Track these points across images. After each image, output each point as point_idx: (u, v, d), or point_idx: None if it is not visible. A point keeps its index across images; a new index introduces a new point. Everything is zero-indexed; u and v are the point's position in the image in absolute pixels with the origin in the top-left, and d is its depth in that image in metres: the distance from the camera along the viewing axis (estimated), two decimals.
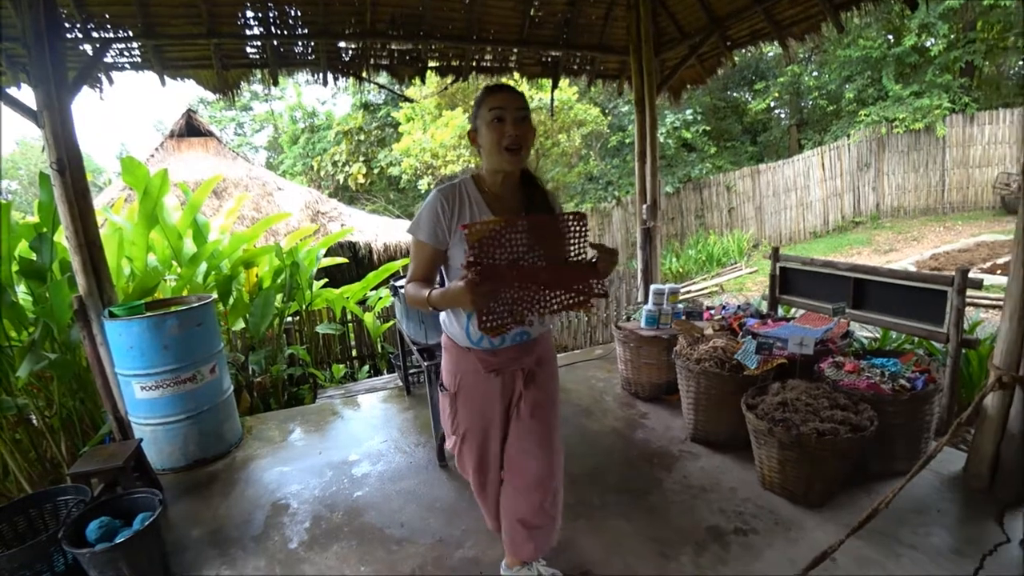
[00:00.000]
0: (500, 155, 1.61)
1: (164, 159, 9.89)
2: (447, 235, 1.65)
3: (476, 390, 1.80)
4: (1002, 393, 2.36)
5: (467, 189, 1.69)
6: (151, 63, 3.67)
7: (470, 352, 1.76)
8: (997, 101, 13.09)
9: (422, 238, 1.66)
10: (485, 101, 1.62)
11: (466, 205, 1.66)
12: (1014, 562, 2.04)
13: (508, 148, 1.59)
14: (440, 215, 1.64)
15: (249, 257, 4.69)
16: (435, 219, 1.64)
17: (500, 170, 1.66)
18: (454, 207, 1.65)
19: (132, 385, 3.05)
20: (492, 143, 1.60)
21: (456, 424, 1.87)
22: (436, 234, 1.65)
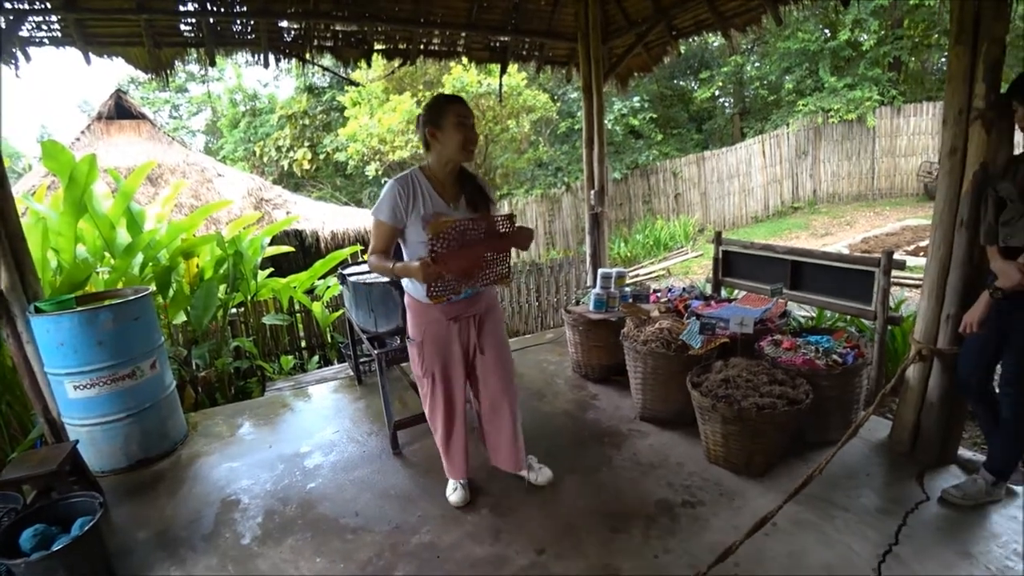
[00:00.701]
0: (460, 152, 2.07)
1: (91, 143, 9.28)
2: (404, 216, 2.09)
3: (439, 336, 2.27)
4: (922, 365, 2.55)
5: (418, 179, 2.12)
6: (73, 39, 3.42)
7: (432, 307, 2.18)
8: (921, 95, 13.93)
9: (383, 219, 2.08)
10: (450, 108, 2.05)
11: (418, 191, 2.10)
12: (933, 517, 2.23)
13: (468, 148, 2.08)
14: (398, 200, 2.07)
15: (189, 247, 4.49)
16: (394, 204, 2.07)
17: (454, 162, 2.12)
18: (409, 193, 2.08)
19: (64, 384, 2.88)
20: (456, 143, 2.05)
21: (425, 368, 2.31)
22: (395, 215, 2.08)
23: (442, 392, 2.35)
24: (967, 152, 2.26)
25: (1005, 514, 2.22)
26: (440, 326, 2.26)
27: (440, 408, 2.38)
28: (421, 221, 2.06)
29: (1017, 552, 2.02)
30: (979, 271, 2.30)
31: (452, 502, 2.48)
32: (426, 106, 2.11)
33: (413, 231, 2.10)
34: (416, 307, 2.27)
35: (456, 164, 2.13)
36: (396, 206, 2.07)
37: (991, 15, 2.13)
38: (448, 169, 2.13)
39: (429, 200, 2.09)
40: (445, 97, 2.08)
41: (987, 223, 2.15)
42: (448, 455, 2.48)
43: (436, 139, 2.08)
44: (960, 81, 2.24)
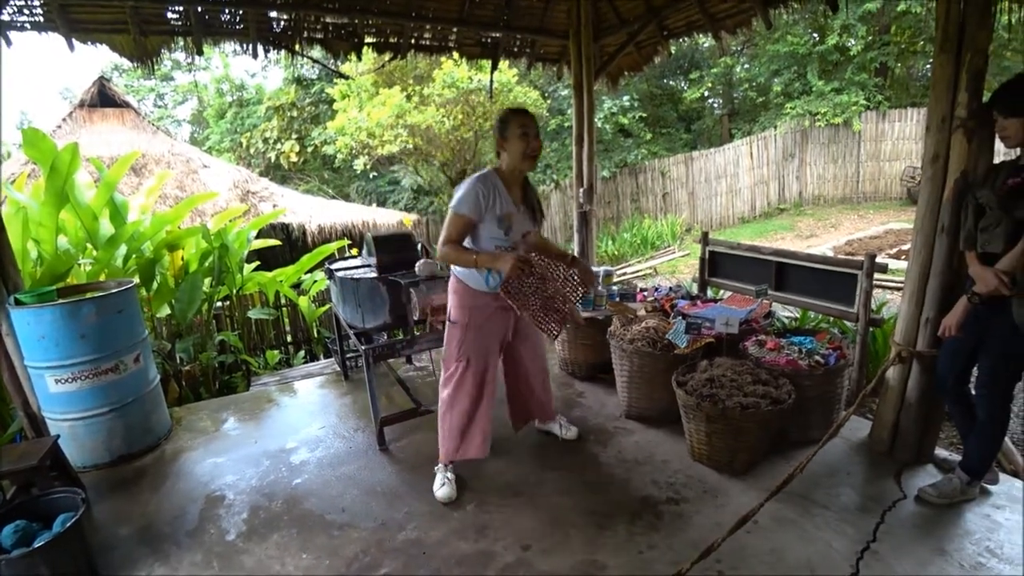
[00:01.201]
0: (524, 160, 2.29)
1: (73, 131, 9.11)
2: (483, 212, 2.26)
3: (484, 321, 2.46)
4: (902, 367, 2.60)
5: (495, 179, 2.31)
6: (56, 24, 3.35)
7: (485, 295, 2.40)
8: (906, 100, 14.14)
9: (465, 212, 2.25)
10: (514, 119, 2.27)
11: (496, 191, 2.29)
12: (909, 515, 2.28)
13: (530, 156, 2.29)
14: (480, 197, 2.25)
15: (173, 239, 4.43)
16: (477, 200, 2.25)
17: (519, 169, 2.34)
18: (489, 191, 2.27)
19: (45, 378, 2.84)
20: (519, 151, 2.27)
21: (463, 350, 2.47)
22: (477, 210, 2.25)
23: (478, 372, 2.50)
24: (949, 159, 2.30)
25: (979, 512, 2.28)
26: (486, 312, 2.45)
27: (471, 387, 2.50)
28: (496, 220, 2.28)
29: (989, 549, 2.08)
30: (958, 276, 2.35)
31: (440, 497, 2.50)
32: (498, 119, 2.36)
33: (487, 227, 2.30)
34: (465, 292, 2.43)
35: (522, 171, 2.36)
36: (479, 202, 2.25)
37: (975, 25, 2.17)
38: (516, 174, 2.36)
39: (503, 200, 2.30)
40: (511, 111, 2.32)
41: (966, 229, 2.20)
42: (467, 434, 2.56)
43: (503, 148, 2.32)
44: (943, 89, 2.28)
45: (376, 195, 15.00)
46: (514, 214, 2.34)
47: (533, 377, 2.78)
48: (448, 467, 2.61)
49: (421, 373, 4.12)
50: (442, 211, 12.00)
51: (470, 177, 2.33)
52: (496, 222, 2.29)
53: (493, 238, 2.31)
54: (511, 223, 2.33)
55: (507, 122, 2.29)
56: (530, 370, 2.75)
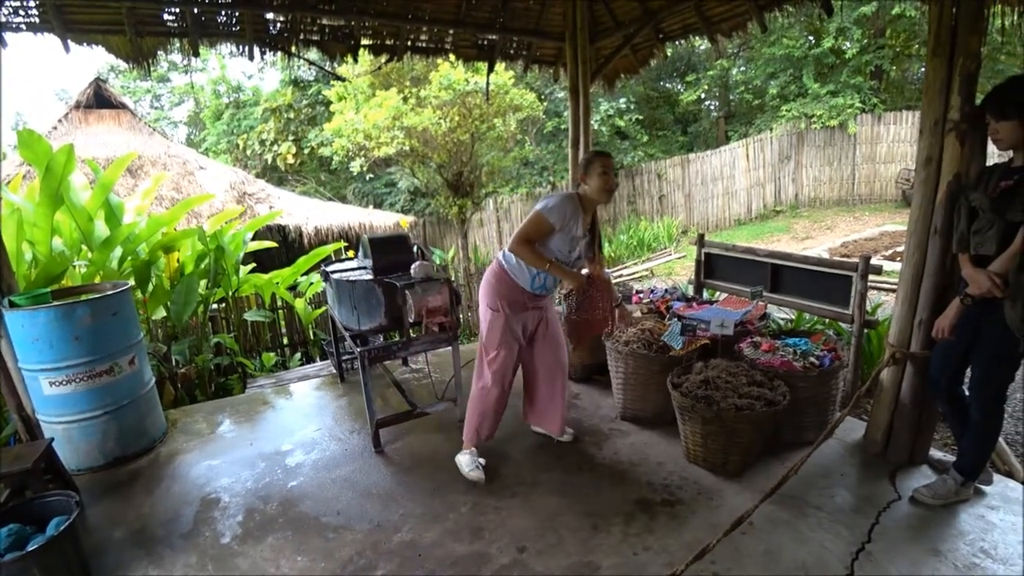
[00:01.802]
0: (603, 195, 2.58)
1: (69, 132, 9.09)
2: (564, 226, 2.52)
3: (518, 315, 2.68)
4: (896, 368, 2.61)
5: (577, 203, 2.56)
6: (52, 25, 3.35)
7: (523, 292, 2.64)
8: (901, 103, 14.21)
9: (552, 220, 2.50)
10: (597, 160, 2.56)
11: (577, 216, 2.55)
12: (904, 516, 2.29)
13: (607, 191, 2.57)
14: (568, 213, 2.51)
15: (169, 241, 4.42)
16: (565, 214, 2.51)
17: (597, 201, 2.62)
18: (574, 211, 2.54)
19: (39, 380, 2.83)
20: (600, 187, 2.55)
21: (503, 338, 2.65)
22: (563, 222, 2.51)
23: (510, 360, 2.70)
24: (942, 162, 2.32)
25: (973, 513, 2.29)
26: (519, 308, 2.67)
27: (507, 373, 2.70)
28: (569, 239, 2.57)
29: (984, 550, 2.09)
30: (951, 278, 2.36)
31: (474, 479, 2.65)
32: (583, 157, 2.69)
33: (557, 241, 2.56)
34: (509, 286, 2.64)
35: (599, 203, 2.63)
36: (566, 216, 2.51)
37: (967, 30, 2.19)
38: (591, 204, 2.63)
39: (577, 224, 2.57)
40: (596, 152, 2.60)
41: (959, 232, 2.21)
42: (492, 417, 2.75)
43: (584, 183, 2.59)
44: (936, 93, 2.29)
45: (373, 197, 15.00)
46: (579, 238, 2.61)
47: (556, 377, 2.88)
48: (475, 451, 2.76)
49: (417, 375, 4.11)
50: (439, 212, 12.00)
51: (560, 191, 2.64)
52: (568, 241, 2.57)
53: (558, 251, 2.58)
54: (575, 246, 2.62)
55: (591, 162, 2.57)
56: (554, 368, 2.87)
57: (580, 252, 2.67)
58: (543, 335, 2.82)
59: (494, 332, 2.65)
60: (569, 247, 2.59)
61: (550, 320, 2.83)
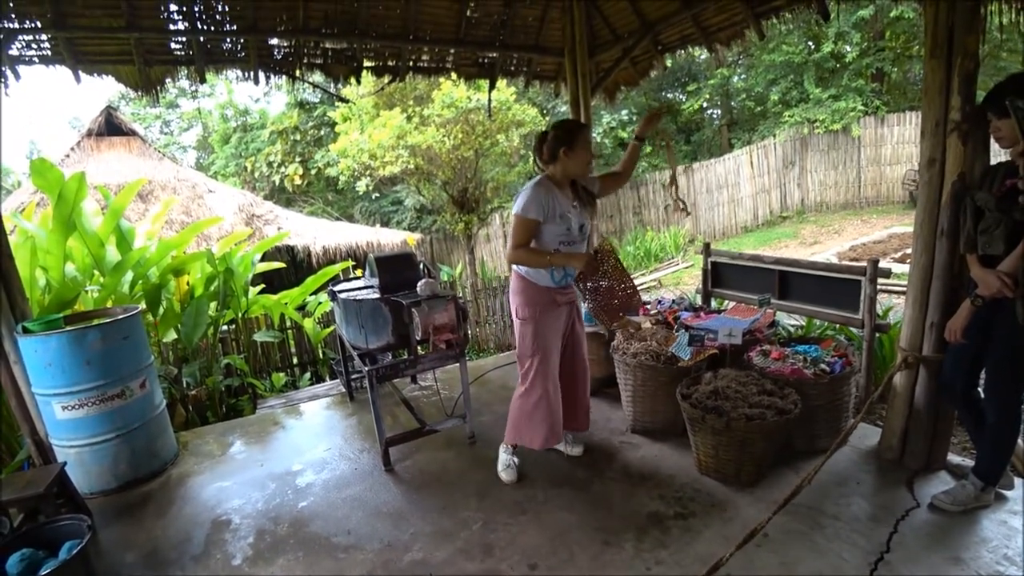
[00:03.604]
0: (585, 168, 2.55)
1: (81, 160, 9.27)
2: (546, 213, 2.45)
3: (551, 317, 2.63)
4: (908, 372, 2.57)
5: (548, 184, 2.51)
6: (63, 57, 3.43)
7: (549, 290, 2.60)
8: (904, 104, 14.17)
9: (532, 216, 2.43)
10: (582, 133, 2.51)
11: (552, 197, 2.48)
12: (923, 524, 2.24)
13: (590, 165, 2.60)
14: (541, 200, 2.44)
15: (179, 264, 4.47)
16: (539, 202, 2.44)
17: (576, 175, 2.57)
18: (549, 197, 2.46)
19: (52, 405, 2.86)
20: (584, 162, 2.53)
21: (537, 345, 2.62)
22: (542, 211, 2.44)
23: (549, 365, 2.65)
24: (945, 163, 2.31)
25: (995, 519, 2.24)
26: (551, 308, 2.62)
27: (544, 380, 2.64)
28: (558, 219, 2.47)
29: (1007, 556, 2.04)
30: (960, 279, 2.33)
31: (504, 479, 2.74)
32: (562, 130, 2.52)
33: (549, 227, 2.47)
34: (531, 289, 2.60)
35: (575, 177, 2.56)
36: (541, 204, 2.44)
37: (964, 30, 2.19)
38: (567, 180, 2.56)
39: (558, 201, 2.49)
40: (577, 124, 2.53)
41: (966, 232, 2.19)
42: (549, 421, 2.67)
43: (568, 156, 2.49)
44: (936, 94, 2.29)
45: (380, 215, 15.11)
46: (570, 212, 2.52)
47: (581, 376, 2.89)
48: (512, 450, 2.80)
49: (426, 392, 4.11)
50: (445, 229, 12.05)
51: (527, 185, 2.54)
52: (560, 223, 2.48)
53: (557, 235, 2.49)
54: (571, 224, 2.51)
55: (574, 133, 2.50)
56: (580, 367, 2.87)
57: (583, 225, 2.59)
58: (574, 329, 2.82)
59: (526, 340, 2.64)
60: (566, 228, 2.51)
61: (576, 315, 2.83)
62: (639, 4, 4.22)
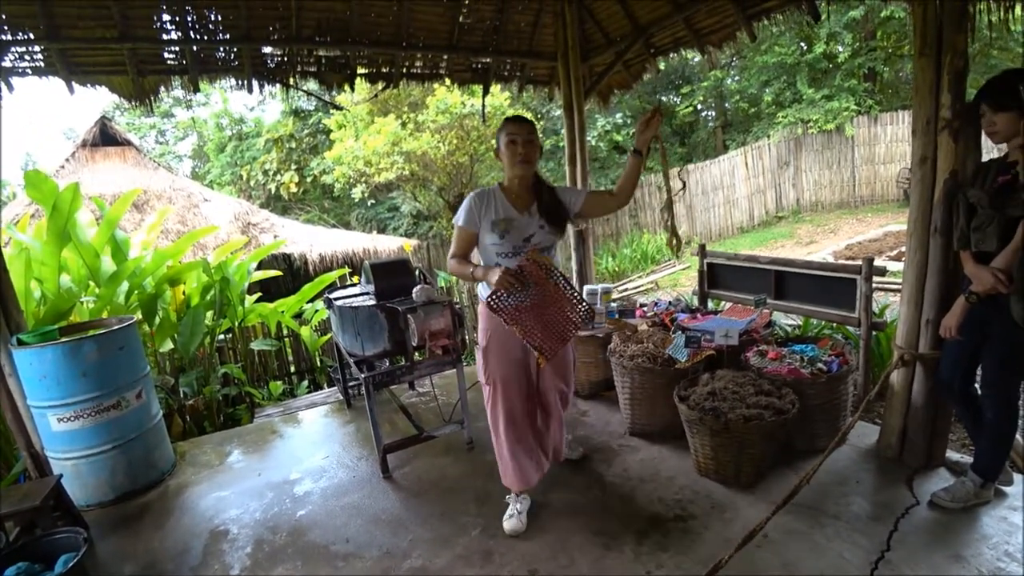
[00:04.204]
0: (515, 166, 2.26)
1: (76, 170, 9.26)
2: (478, 220, 2.29)
3: (504, 342, 2.34)
4: (905, 370, 2.57)
5: (494, 191, 2.34)
6: (57, 68, 3.44)
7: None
8: (896, 103, 14.25)
9: (461, 223, 2.29)
10: (504, 128, 2.28)
11: (492, 200, 2.30)
12: (923, 522, 2.24)
13: (521, 161, 2.26)
14: (473, 208, 2.29)
15: (175, 274, 4.47)
16: (469, 209, 2.29)
17: (515, 176, 2.30)
18: (483, 203, 2.30)
19: (48, 417, 2.84)
20: (509, 158, 2.27)
21: (488, 374, 2.40)
22: (470, 219, 2.28)
23: (505, 398, 2.39)
24: (937, 160, 2.32)
25: (995, 515, 2.24)
26: (503, 332, 2.30)
27: (501, 414, 2.40)
28: (490, 224, 2.27)
29: (1008, 553, 2.03)
30: (955, 276, 2.34)
31: (507, 530, 2.38)
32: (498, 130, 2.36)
33: (484, 234, 2.30)
34: (485, 312, 2.33)
35: (521, 177, 2.31)
36: (471, 211, 2.28)
37: (952, 28, 2.20)
38: (517, 182, 2.32)
39: (500, 208, 2.30)
40: (505, 120, 2.32)
41: (959, 229, 2.19)
42: (512, 462, 2.42)
43: (498, 157, 2.38)
44: (926, 92, 2.30)
45: (376, 222, 15.12)
46: (515, 219, 2.28)
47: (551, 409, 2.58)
48: (517, 496, 2.46)
49: (423, 399, 4.10)
50: (442, 235, 12.07)
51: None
52: (490, 226, 2.27)
53: (492, 244, 2.29)
54: (508, 227, 2.27)
55: (500, 131, 2.32)
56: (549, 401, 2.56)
57: (530, 237, 2.29)
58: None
59: (481, 367, 2.42)
60: (498, 238, 2.26)
61: None
62: (631, 8, 4.25)
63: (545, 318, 2.18)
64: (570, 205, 2.37)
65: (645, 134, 2.23)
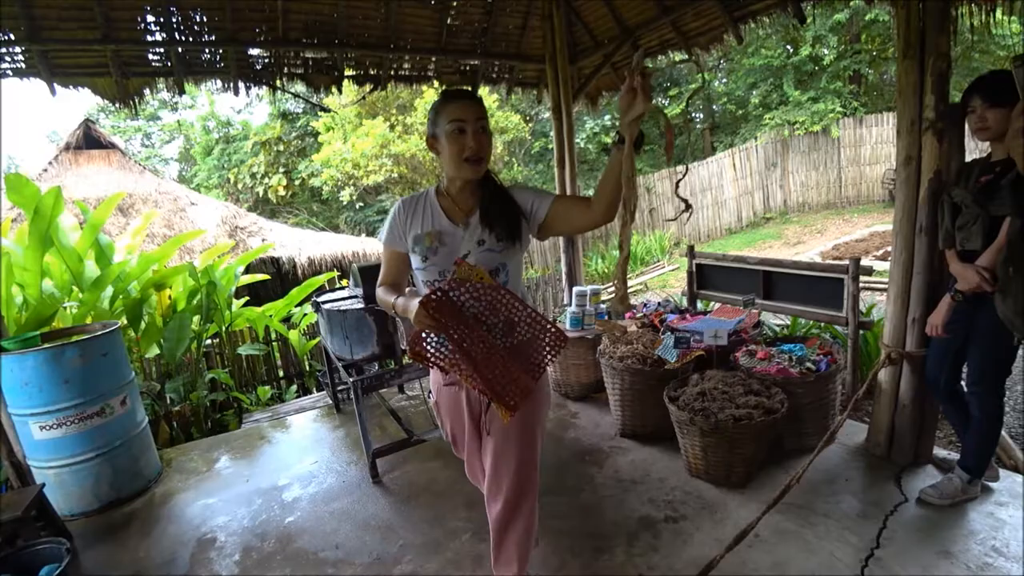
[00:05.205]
0: (461, 165, 1.61)
1: (59, 174, 9.12)
2: (404, 238, 1.72)
3: (447, 399, 1.82)
4: (892, 368, 2.60)
5: (427, 196, 1.74)
6: (38, 70, 3.38)
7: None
8: (882, 105, 14.44)
9: (385, 241, 1.77)
10: (444, 110, 1.60)
11: (420, 208, 1.71)
12: (912, 519, 2.26)
13: (469, 160, 1.59)
14: (397, 219, 1.73)
15: (160, 278, 4.41)
16: (393, 223, 1.74)
17: (461, 179, 1.66)
18: (409, 213, 1.72)
19: (29, 425, 2.79)
20: (453, 155, 1.60)
21: (447, 432, 1.92)
22: (392, 235, 1.74)
23: (464, 457, 1.91)
24: (922, 161, 2.34)
25: (982, 511, 2.26)
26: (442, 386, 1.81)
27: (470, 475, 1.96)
28: (413, 241, 1.68)
29: (995, 548, 2.05)
30: (941, 275, 2.37)
31: None
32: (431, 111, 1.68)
33: (421, 260, 1.69)
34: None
35: (464, 180, 1.66)
36: (394, 225, 1.73)
37: (935, 31, 2.23)
38: (459, 185, 1.68)
39: (430, 218, 1.68)
40: (444, 95, 1.64)
41: (944, 228, 2.22)
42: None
43: (435, 150, 1.68)
44: (910, 94, 2.33)
45: (365, 225, 15.04)
46: (446, 232, 1.66)
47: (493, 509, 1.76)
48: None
49: (413, 402, 4.07)
50: None
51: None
52: (412, 243, 1.69)
53: (417, 269, 1.72)
54: (436, 243, 1.65)
55: (437, 113, 1.62)
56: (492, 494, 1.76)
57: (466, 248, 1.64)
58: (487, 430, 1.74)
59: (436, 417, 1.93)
60: (422, 252, 1.66)
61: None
62: (618, 10, 4.26)
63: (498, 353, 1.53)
64: (531, 211, 1.68)
65: (631, 111, 1.47)
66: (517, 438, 1.68)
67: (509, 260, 1.67)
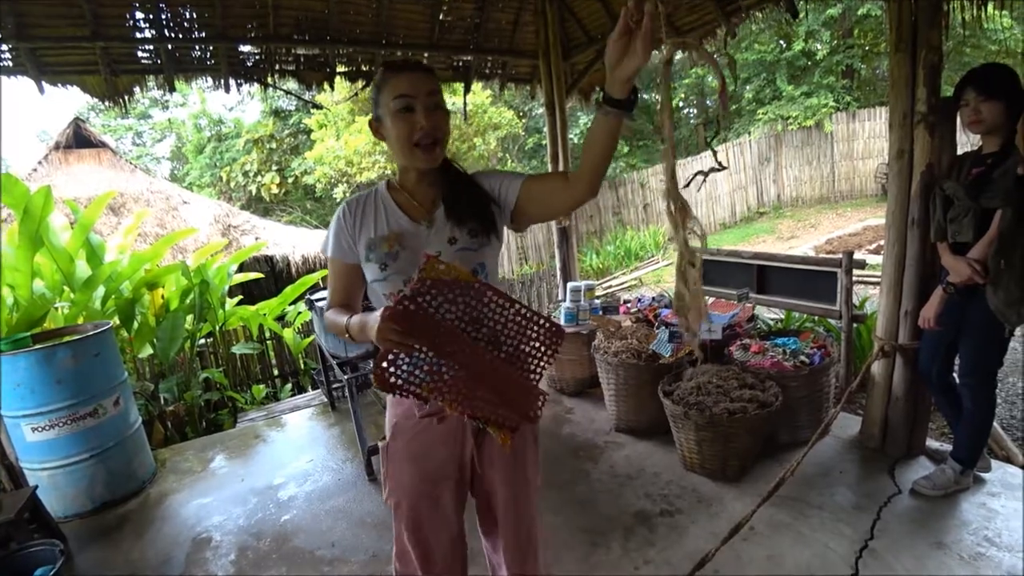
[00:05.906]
0: (412, 152, 1.32)
1: (49, 174, 9.04)
2: (353, 245, 1.39)
3: (413, 439, 1.40)
4: (886, 361, 2.61)
5: (378, 192, 1.43)
6: (25, 68, 3.34)
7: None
8: (874, 100, 14.48)
9: (330, 253, 1.42)
10: (387, 85, 1.31)
11: (371, 211, 1.39)
12: (906, 510, 2.28)
13: (420, 144, 1.31)
14: (343, 224, 1.39)
15: (153, 278, 4.38)
16: (338, 229, 1.40)
17: (413, 168, 1.37)
18: (358, 215, 1.39)
19: (22, 427, 2.77)
20: (401, 138, 1.31)
21: (388, 490, 1.44)
22: (341, 245, 1.40)
23: (412, 537, 1.42)
24: (914, 154, 2.35)
25: (974, 502, 2.28)
26: (413, 423, 1.40)
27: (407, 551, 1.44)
28: (367, 248, 1.36)
29: (988, 538, 2.07)
30: (933, 267, 2.38)
31: None
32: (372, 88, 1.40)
33: (365, 268, 1.40)
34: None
35: (416, 169, 1.38)
36: (339, 232, 1.40)
37: (927, 25, 2.24)
38: (413, 176, 1.40)
39: (384, 217, 1.38)
40: (385, 65, 1.35)
41: (936, 221, 2.23)
42: None
43: (380, 135, 1.39)
44: (902, 87, 2.33)
45: None
46: (407, 233, 1.36)
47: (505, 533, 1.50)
48: None
49: None
50: None
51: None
52: (366, 251, 1.36)
53: (374, 281, 1.39)
54: (396, 247, 1.34)
55: (379, 89, 1.34)
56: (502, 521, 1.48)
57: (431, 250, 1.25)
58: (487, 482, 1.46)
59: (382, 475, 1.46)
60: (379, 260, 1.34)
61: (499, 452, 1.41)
62: (611, 5, 4.25)
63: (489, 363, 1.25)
64: (500, 197, 1.40)
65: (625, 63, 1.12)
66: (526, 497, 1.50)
67: (487, 258, 1.40)
